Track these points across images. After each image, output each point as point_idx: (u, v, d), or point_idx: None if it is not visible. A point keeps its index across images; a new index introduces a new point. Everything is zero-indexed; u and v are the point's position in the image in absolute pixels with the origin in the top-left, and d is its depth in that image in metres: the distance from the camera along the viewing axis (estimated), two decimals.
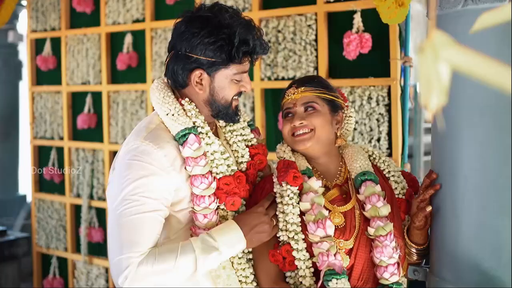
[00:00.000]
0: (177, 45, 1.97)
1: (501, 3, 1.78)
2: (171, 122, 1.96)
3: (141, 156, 1.88)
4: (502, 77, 0.74)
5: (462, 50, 0.75)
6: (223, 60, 1.94)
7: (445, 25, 1.93)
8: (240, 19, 1.97)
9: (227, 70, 1.96)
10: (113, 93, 4.44)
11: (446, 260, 1.96)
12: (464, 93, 1.81)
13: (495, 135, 1.82)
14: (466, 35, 1.76)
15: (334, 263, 1.91)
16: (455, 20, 1.88)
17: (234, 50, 1.91)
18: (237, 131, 2.14)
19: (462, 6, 1.85)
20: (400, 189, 2.15)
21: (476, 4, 1.82)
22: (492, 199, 1.83)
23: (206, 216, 1.95)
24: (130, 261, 1.81)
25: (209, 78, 1.97)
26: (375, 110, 3.30)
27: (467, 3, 1.84)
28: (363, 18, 3.31)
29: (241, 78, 2.00)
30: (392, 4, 2.60)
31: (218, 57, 1.93)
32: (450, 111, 1.82)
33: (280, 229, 1.99)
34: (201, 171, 1.93)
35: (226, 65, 1.95)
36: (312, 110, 2.07)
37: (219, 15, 1.94)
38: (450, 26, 1.89)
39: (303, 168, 2.06)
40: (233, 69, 1.97)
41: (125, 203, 1.86)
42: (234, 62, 1.95)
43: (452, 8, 1.88)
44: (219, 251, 1.89)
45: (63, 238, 4.77)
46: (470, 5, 1.83)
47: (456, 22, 1.88)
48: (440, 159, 1.99)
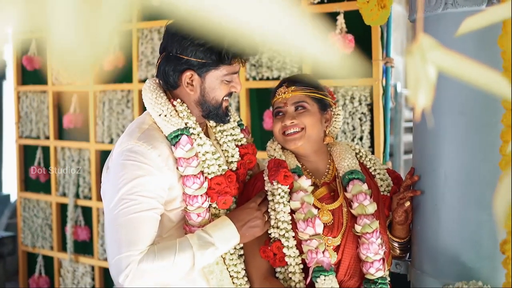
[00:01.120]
0: (169, 46, 2.00)
1: (479, 7, 1.85)
2: (163, 123, 1.99)
3: (136, 157, 1.91)
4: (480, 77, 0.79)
5: (445, 52, 0.79)
6: (213, 62, 1.97)
7: (426, 27, 1.99)
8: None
9: (218, 71, 2.00)
10: (99, 93, 4.46)
11: (427, 253, 2.03)
12: (444, 93, 1.88)
13: (474, 133, 1.89)
14: (446, 37, 1.85)
15: (322, 260, 1.98)
16: (436, 22, 1.95)
17: (224, 52, 1.95)
18: (227, 131, 2.18)
19: (442, 10, 1.92)
20: (385, 187, 2.22)
21: (455, 8, 1.89)
22: (471, 194, 1.90)
23: (200, 215, 1.99)
24: (130, 259, 1.84)
25: (200, 79, 2.00)
26: (358, 110, 3.38)
27: (447, 7, 1.91)
28: (346, 19, 3.38)
29: (232, 79, 2.04)
30: (374, 7, 2.66)
31: (209, 59, 1.97)
32: (431, 110, 1.88)
33: (272, 226, 2.05)
34: (193, 172, 1.97)
35: (217, 67, 1.99)
36: (302, 110, 2.11)
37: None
38: (431, 28, 1.96)
39: (293, 166, 2.12)
40: (223, 70, 2.00)
41: (122, 203, 1.88)
42: (224, 63, 1.99)
43: (432, 11, 1.95)
44: (215, 247, 1.93)
45: (49, 236, 4.78)
46: (450, 9, 1.90)
47: (436, 25, 1.95)
48: (421, 156, 2.06)
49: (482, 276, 1.87)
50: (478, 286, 1.83)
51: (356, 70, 3.36)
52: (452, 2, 1.89)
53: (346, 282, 2.06)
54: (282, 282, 2.05)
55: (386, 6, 2.73)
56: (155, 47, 4.14)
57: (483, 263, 1.89)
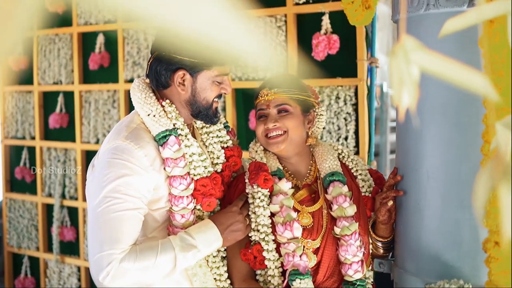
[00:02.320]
0: (161, 45, 2.01)
1: (460, 8, 1.87)
2: (152, 123, 1.99)
3: (122, 155, 1.91)
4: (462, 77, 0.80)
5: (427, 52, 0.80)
6: (206, 62, 1.98)
7: (408, 28, 2.00)
8: None
9: (209, 71, 2.01)
10: (85, 93, 4.45)
11: (409, 252, 2.04)
12: (426, 93, 1.89)
13: (455, 133, 1.91)
14: (428, 38, 1.87)
15: (298, 264, 1.99)
16: (418, 23, 1.96)
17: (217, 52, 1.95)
18: (214, 132, 2.18)
19: (424, 10, 1.94)
20: (367, 187, 2.22)
21: (437, 9, 1.91)
22: (453, 193, 1.92)
23: (184, 216, 2.00)
24: (112, 257, 1.83)
25: (192, 79, 2.01)
26: (343, 110, 3.40)
27: (429, 8, 1.92)
28: (331, 20, 3.40)
29: (222, 80, 2.05)
30: (359, 7, 2.68)
31: (202, 59, 1.98)
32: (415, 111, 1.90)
33: (252, 229, 2.07)
34: (180, 172, 1.98)
35: (209, 67, 2.00)
36: (285, 113, 2.11)
37: None
38: (413, 29, 1.97)
39: (274, 169, 2.13)
40: (215, 70, 2.01)
41: (106, 201, 1.88)
42: (217, 64, 2.00)
43: (415, 12, 1.97)
44: (197, 249, 1.94)
45: (34, 237, 4.75)
46: (432, 9, 1.92)
47: (419, 25, 1.96)
48: (404, 156, 2.07)
49: (463, 274, 1.88)
50: (460, 284, 1.85)
51: (341, 70, 3.38)
52: (434, 3, 1.91)
53: (325, 282, 2.07)
54: (262, 285, 2.07)
55: (371, 6, 2.74)
56: (140, 47, 4.13)
57: (465, 261, 1.90)
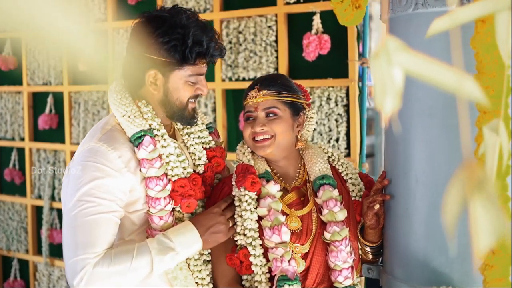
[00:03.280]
0: (133, 45, 1.98)
1: (449, 8, 1.82)
2: (127, 124, 1.96)
3: (95, 158, 1.88)
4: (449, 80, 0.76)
5: (412, 53, 0.76)
6: (177, 61, 1.94)
7: (397, 28, 1.96)
8: (197, 21, 1.97)
9: (182, 71, 1.96)
10: (75, 94, 4.41)
11: (398, 258, 2.00)
12: (414, 95, 1.85)
13: (444, 135, 1.86)
14: (417, 38, 1.82)
15: (287, 269, 1.94)
16: (407, 23, 1.92)
17: (188, 51, 1.92)
18: (195, 133, 2.14)
19: (413, 10, 1.89)
20: (357, 192, 2.17)
21: (426, 8, 1.86)
22: (442, 198, 1.87)
23: (162, 218, 1.96)
24: (85, 262, 1.81)
25: (164, 78, 1.97)
26: (334, 111, 3.35)
27: (418, 7, 1.88)
28: (322, 19, 3.35)
29: (197, 81, 2.00)
30: (348, 6, 2.63)
31: (172, 57, 1.93)
32: (401, 113, 1.86)
33: (238, 233, 2.01)
34: (155, 173, 1.94)
35: (180, 66, 1.95)
36: (274, 116, 2.05)
37: (176, 16, 1.95)
38: (402, 29, 1.93)
39: (262, 171, 2.07)
40: (188, 70, 1.97)
41: (80, 205, 1.85)
42: (188, 63, 1.95)
43: (403, 11, 1.92)
44: (175, 252, 1.89)
45: (24, 240, 4.71)
46: (421, 9, 1.87)
47: (407, 25, 1.92)
48: (393, 159, 2.03)
49: (453, 281, 1.84)
50: None
51: (332, 70, 3.33)
52: (423, 2, 1.86)
53: None
54: None
55: (361, 6, 2.70)
56: None
57: (454, 267, 1.86)
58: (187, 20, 1.95)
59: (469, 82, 0.71)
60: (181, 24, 1.93)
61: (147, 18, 1.99)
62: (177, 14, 1.96)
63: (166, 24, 1.93)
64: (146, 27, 1.95)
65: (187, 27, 1.93)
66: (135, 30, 2.00)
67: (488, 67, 1.54)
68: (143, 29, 1.96)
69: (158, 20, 1.95)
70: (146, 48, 1.94)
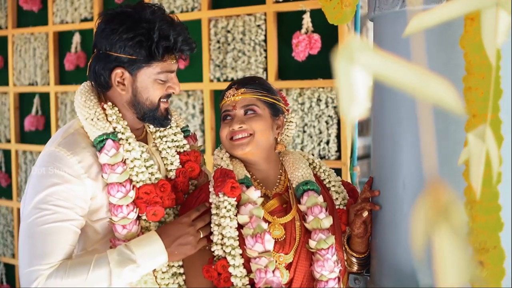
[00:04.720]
0: (98, 44, 1.89)
1: (437, 5, 1.74)
2: (89, 127, 1.87)
3: (53, 163, 1.79)
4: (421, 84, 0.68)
5: (381, 55, 0.68)
6: (144, 57, 1.84)
7: (384, 26, 1.90)
8: (163, 15, 1.88)
9: (150, 68, 1.87)
10: (61, 94, 4.33)
11: (385, 268, 1.91)
12: (402, 98, 1.77)
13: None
14: (404, 36, 1.73)
15: (272, 280, 1.82)
16: (394, 21, 1.85)
17: (154, 46, 1.82)
18: (168, 137, 2.05)
19: (400, 7, 1.82)
20: (341, 200, 2.08)
21: (413, 6, 1.78)
22: None
23: (125, 226, 1.85)
24: (38, 273, 1.71)
25: (131, 77, 1.87)
26: (324, 112, 3.26)
27: (405, 4, 1.80)
28: (312, 18, 3.27)
29: (167, 78, 1.90)
30: (337, 5, 2.55)
31: (138, 54, 1.84)
32: (389, 117, 1.79)
33: (215, 243, 1.89)
34: (117, 179, 1.84)
35: (148, 63, 1.86)
36: (252, 114, 1.97)
37: (141, 11, 1.86)
38: (388, 27, 1.87)
39: (242, 176, 1.96)
40: (156, 67, 1.87)
41: (35, 212, 1.76)
42: (156, 59, 1.85)
43: (390, 9, 1.85)
44: (136, 264, 1.77)
45: (10, 244, 4.63)
46: (408, 6, 1.80)
47: (394, 23, 1.85)
48: (380, 164, 1.95)
49: None
50: None
51: (322, 70, 3.25)
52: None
53: None
54: None
55: (351, 4, 2.62)
56: None
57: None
58: (152, 14, 1.86)
59: (433, 84, 0.62)
60: (146, 19, 1.84)
61: (111, 15, 1.90)
62: (142, 9, 1.86)
63: (130, 19, 1.84)
64: (109, 24, 1.86)
65: (153, 22, 1.83)
66: (98, 28, 1.91)
67: (477, 68, 1.46)
68: (106, 26, 1.87)
69: (122, 16, 1.86)
70: (111, 46, 1.84)
